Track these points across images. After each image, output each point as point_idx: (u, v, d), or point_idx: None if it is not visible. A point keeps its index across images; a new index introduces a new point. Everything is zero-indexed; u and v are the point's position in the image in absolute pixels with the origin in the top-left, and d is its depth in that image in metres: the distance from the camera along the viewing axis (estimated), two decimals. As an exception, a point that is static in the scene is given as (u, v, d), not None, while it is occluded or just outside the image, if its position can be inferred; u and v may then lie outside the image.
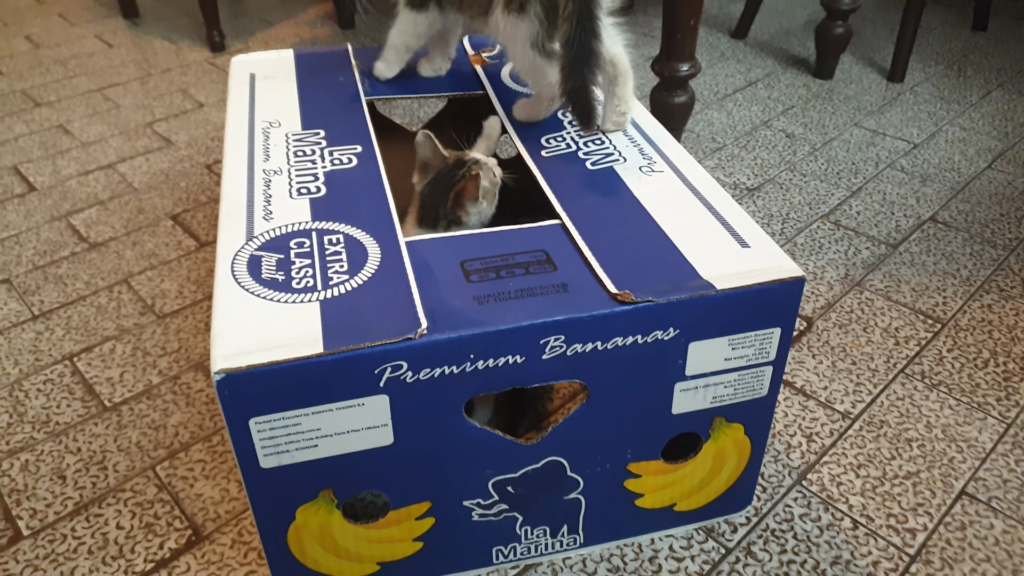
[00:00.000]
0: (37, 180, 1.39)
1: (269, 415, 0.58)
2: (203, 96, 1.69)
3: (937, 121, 1.53)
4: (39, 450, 0.87)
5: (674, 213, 0.72)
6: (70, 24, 2.11)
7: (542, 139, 0.85)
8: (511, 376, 0.62)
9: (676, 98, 1.29)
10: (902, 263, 1.15)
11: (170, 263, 1.16)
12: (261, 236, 0.69)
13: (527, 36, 0.79)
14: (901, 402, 0.92)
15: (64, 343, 1.02)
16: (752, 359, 0.68)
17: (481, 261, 0.67)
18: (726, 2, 2.16)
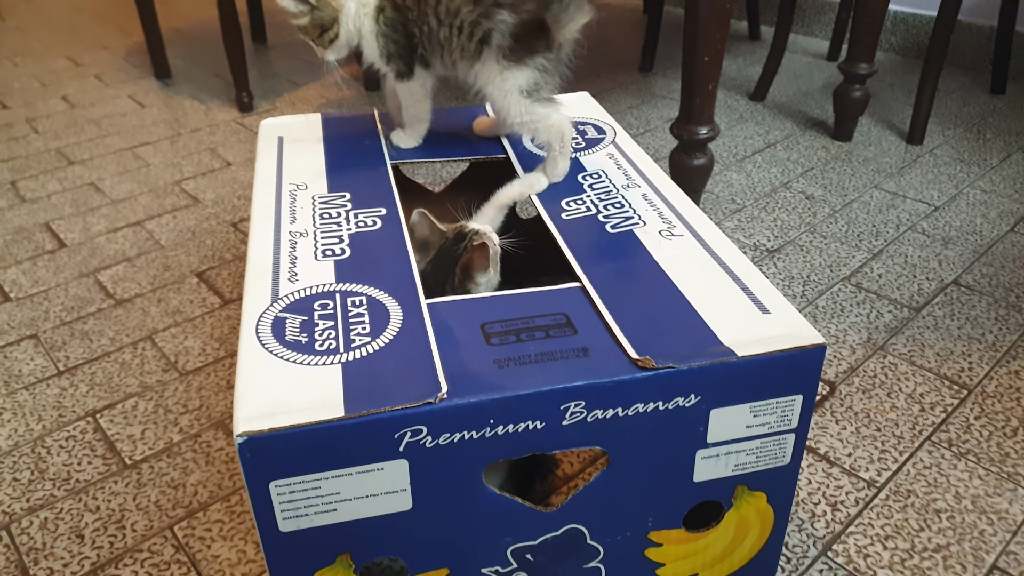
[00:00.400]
0: (67, 237, 1.42)
1: (289, 478, 0.58)
2: (231, 155, 1.72)
3: (958, 184, 1.53)
4: (59, 508, 0.87)
5: (694, 278, 0.72)
6: (105, 85, 2.17)
7: (562, 202, 0.86)
8: (531, 442, 0.62)
9: (695, 160, 1.30)
10: (925, 327, 1.14)
11: (194, 320, 1.18)
12: (286, 298, 0.70)
13: (520, 85, 0.86)
14: (928, 471, 0.91)
15: (88, 399, 1.03)
16: (774, 426, 0.68)
17: (502, 324, 0.68)
18: (744, 65, 2.19)
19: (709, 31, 1.17)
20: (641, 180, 0.90)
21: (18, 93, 2.13)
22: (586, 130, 1.02)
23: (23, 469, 0.92)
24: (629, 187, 0.88)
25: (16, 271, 1.32)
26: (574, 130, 1.02)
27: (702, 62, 1.20)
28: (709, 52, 1.19)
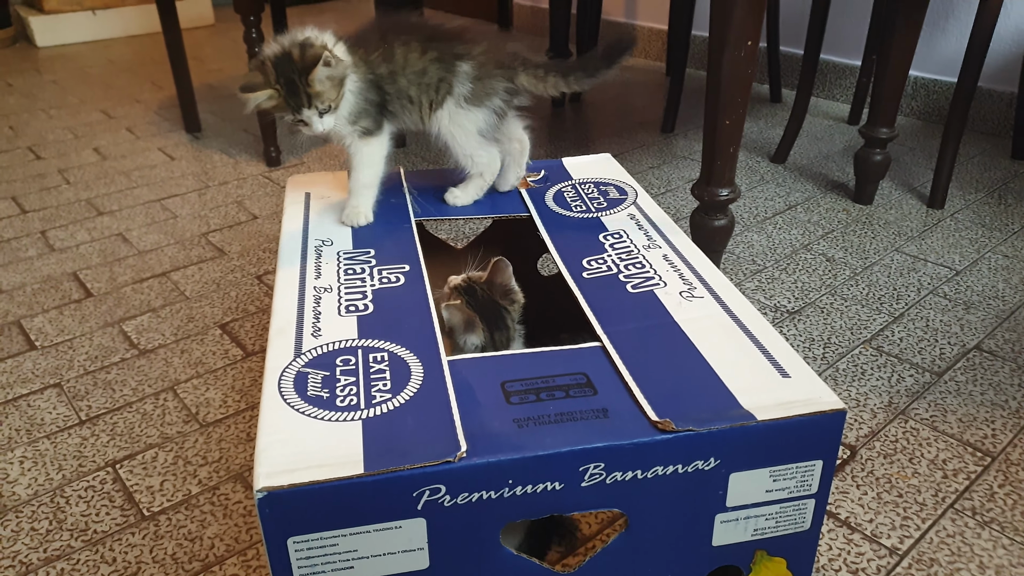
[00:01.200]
0: (94, 287, 1.44)
1: (307, 535, 0.58)
2: (257, 209, 1.75)
3: (979, 248, 1.53)
4: (75, 559, 0.87)
5: (714, 340, 0.73)
6: (136, 137, 2.22)
7: (584, 260, 0.87)
8: (549, 503, 0.62)
9: (716, 221, 1.31)
10: (948, 392, 1.13)
11: (216, 372, 1.19)
12: (309, 353, 0.71)
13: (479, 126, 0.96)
14: (952, 539, 0.89)
15: (108, 449, 1.03)
16: (794, 491, 0.67)
17: (521, 382, 0.68)
18: (765, 127, 2.21)
19: (731, 95, 1.19)
20: (662, 241, 0.90)
21: (52, 144, 2.18)
22: (608, 191, 1.03)
23: (41, 519, 0.93)
24: (650, 247, 0.89)
25: (43, 319, 1.34)
26: (595, 190, 1.03)
27: (724, 125, 1.21)
28: (731, 115, 1.21)
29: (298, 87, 0.86)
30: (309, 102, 0.87)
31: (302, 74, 0.85)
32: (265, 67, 0.86)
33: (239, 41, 3.25)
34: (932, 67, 2.21)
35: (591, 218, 0.97)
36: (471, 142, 0.97)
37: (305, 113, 0.87)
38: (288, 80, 0.86)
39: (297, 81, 0.85)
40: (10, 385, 1.17)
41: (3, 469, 1.01)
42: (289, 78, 0.86)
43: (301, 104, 0.87)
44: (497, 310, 0.88)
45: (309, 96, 0.86)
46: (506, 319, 0.89)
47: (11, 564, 0.87)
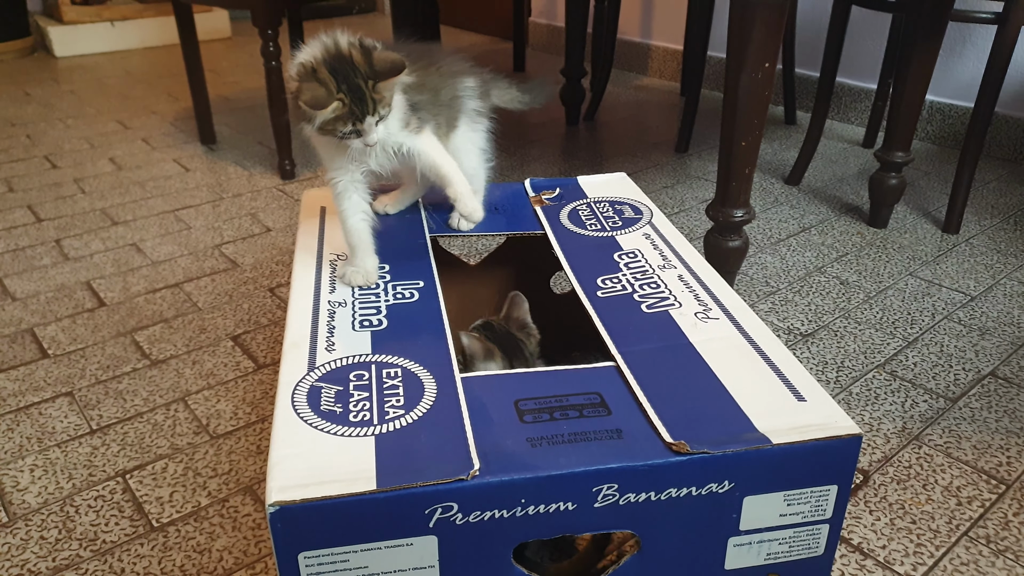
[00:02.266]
0: (107, 296, 1.45)
1: (319, 550, 0.58)
2: (271, 221, 1.76)
3: (994, 274, 1.52)
4: (84, 569, 0.87)
5: (729, 362, 0.72)
6: (151, 148, 2.24)
7: (598, 279, 0.87)
8: (562, 523, 0.61)
9: (730, 242, 1.31)
10: (962, 418, 1.12)
11: (227, 383, 1.19)
12: (322, 367, 0.71)
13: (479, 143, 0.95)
14: (966, 567, 0.88)
15: (118, 459, 1.03)
16: (808, 516, 0.67)
17: (535, 401, 0.68)
18: (780, 149, 2.21)
19: (747, 116, 1.19)
20: (677, 261, 0.90)
21: (68, 154, 2.20)
22: (623, 210, 1.03)
23: (51, 528, 0.93)
24: (665, 268, 0.89)
25: (55, 328, 1.35)
26: (610, 208, 1.03)
27: (739, 146, 1.21)
28: (747, 137, 1.21)
29: (364, 93, 0.78)
30: (374, 108, 0.80)
31: (375, 79, 0.78)
32: (319, 75, 0.78)
33: (255, 55, 3.27)
34: (948, 92, 2.20)
35: (606, 237, 0.97)
36: (478, 158, 0.96)
37: (368, 121, 0.80)
38: (353, 87, 0.78)
39: (364, 87, 0.78)
40: (22, 393, 1.17)
41: (13, 477, 1.01)
42: (354, 84, 0.78)
43: (366, 112, 0.79)
44: (515, 342, 0.89)
45: (375, 102, 0.79)
46: (524, 350, 0.89)
47: (20, 572, 0.87)
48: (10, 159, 2.16)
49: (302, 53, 0.81)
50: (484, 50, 3.40)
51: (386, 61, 0.78)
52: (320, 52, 0.79)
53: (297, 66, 0.79)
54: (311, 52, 0.80)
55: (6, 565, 0.88)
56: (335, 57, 0.78)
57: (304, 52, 0.80)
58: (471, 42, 3.54)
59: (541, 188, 1.10)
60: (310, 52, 0.80)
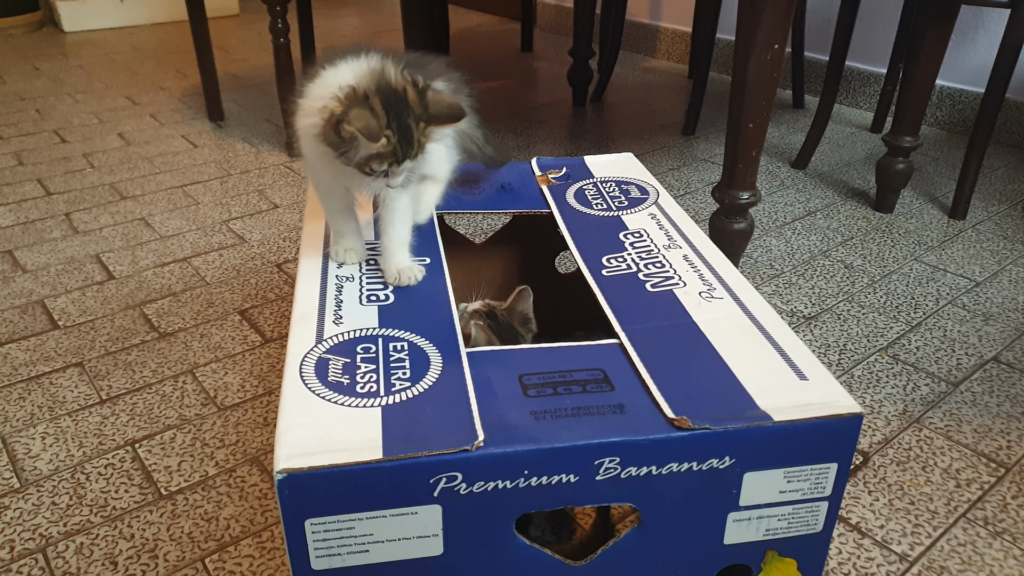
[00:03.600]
0: (116, 269, 1.46)
1: (325, 517, 0.59)
2: (278, 198, 1.77)
3: (1000, 260, 1.52)
4: (95, 534, 0.89)
5: (733, 341, 0.73)
6: (160, 124, 2.24)
7: (603, 258, 0.88)
8: (563, 495, 0.63)
9: (735, 225, 1.32)
10: (963, 402, 1.13)
11: (235, 357, 1.20)
12: (330, 339, 0.72)
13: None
14: (963, 548, 0.89)
15: (128, 429, 1.05)
16: (807, 493, 0.68)
17: (539, 376, 0.69)
18: (787, 132, 2.20)
19: (756, 98, 1.19)
20: (683, 241, 0.91)
21: (77, 128, 2.21)
22: (629, 189, 1.04)
23: (62, 494, 0.94)
24: (670, 247, 0.89)
25: (65, 300, 1.36)
26: (617, 188, 1.04)
27: (747, 128, 1.22)
28: (755, 119, 1.21)
29: (413, 135, 0.73)
30: (416, 152, 0.74)
31: (426, 123, 0.74)
32: (372, 105, 0.71)
33: (264, 32, 3.27)
34: (959, 77, 2.20)
35: (612, 216, 0.97)
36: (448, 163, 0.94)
37: (406, 165, 0.74)
38: (404, 126, 0.72)
39: (414, 128, 0.73)
40: (33, 363, 1.19)
41: (26, 444, 1.02)
42: (405, 124, 0.72)
43: (408, 155, 0.73)
44: (514, 335, 0.90)
45: (420, 145, 0.74)
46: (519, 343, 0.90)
47: (31, 536, 0.88)
48: (20, 133, 2.17)
49: (339, 71, 0.74)
50: (492, 30, 3.39)
51: (443, 106, 0.74)
52: (370, 80, 0.73)
53: (346, 88, 0.72)
54: (355, 74, 0.73)
55: (18, 529, 0.89)
56: (388, 90, 0.72)
57: (343, 70, 0.74)
58: (479, 22, 3.53)
59: (548, 167, 1.10)
60: (353, 73, 0.74)
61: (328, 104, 0.72)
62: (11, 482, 0.96)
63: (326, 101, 0.72)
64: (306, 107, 0.75)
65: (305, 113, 0.75)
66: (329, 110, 0.71)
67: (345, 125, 0.70)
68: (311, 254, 0.86)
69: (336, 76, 0.74)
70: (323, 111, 0.72)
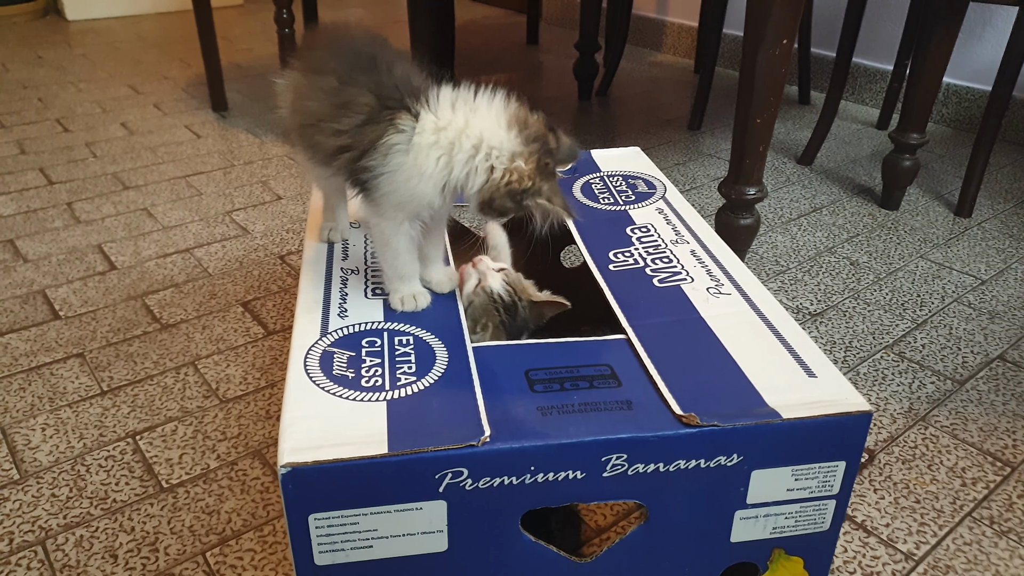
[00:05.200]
0: (118, 260, 1.45)
1: (329, 512, 0.59)
2: (281, 189, 1.76)
3: (1006, 258, 1.51)
4: (95, 526, 0.88)
5: (741, 337, 0.72)
6: (163, 114, 2.23)
7: (610, 253, 0.87)
8: (570, 492, 0.62)
9: (741, 220, 1.31)
10: (969, 401, 1.12)
11: (237, 349, 1.19)
12: (335, 333, 0.71)
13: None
14: (968, 547, 0.89)
15: (129, 421, 1.04)
16: (815, 491, 0.67)
17: (546, 371, 0.68)
18: (793, 128, 2.19)
19: (763, 93, 1.18)
20: (690, 236, 0.90)
21: (80, 117, 2.20)
22: (636, 184, 1.03)
23: (62, 486, 0.94)
24: (678, 243, 0.89)
25: (67, 290, 1.35)
26: (624, 183, 1.03)
27: (754, 124, 1.21)
28: (762, 115, 1.20)
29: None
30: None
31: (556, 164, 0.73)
32: (550, 171, 0.71)
33: (268, 22, 3.26)
34: (966, 74, 2.18)
35: (619, 211, 0.96)
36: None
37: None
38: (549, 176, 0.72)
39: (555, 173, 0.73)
40: (34, 353, 1.18)
41: (25, 435, 1.02)
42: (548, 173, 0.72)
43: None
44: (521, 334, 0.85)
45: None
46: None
47: (31, 529, 0.88)
48: (22, 121, 2.16)
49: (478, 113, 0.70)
50: (498, 23, 3.37)
51: (567, 147, 0.73)
52: (532, 140, 0.70)
53: (525, 156, 0.69)
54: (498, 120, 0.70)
55: (17, 521, 0.89)
56: (545, 144, 0.71)
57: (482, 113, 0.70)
58: (485, 14, 3.51)
59: (554, 161, 1.09)
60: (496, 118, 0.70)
61: (501, 172, 0.69)
62: (11, 473, 0.96)
63: (486, 155, 0.69)
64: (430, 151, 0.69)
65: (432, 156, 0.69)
66: (505, 182, 0.69)
67: (541, 201, 0.69)
68: (317, 246, 0.86)
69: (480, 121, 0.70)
70: (493, 179, 0.69)
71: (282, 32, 1.87)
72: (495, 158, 0.69)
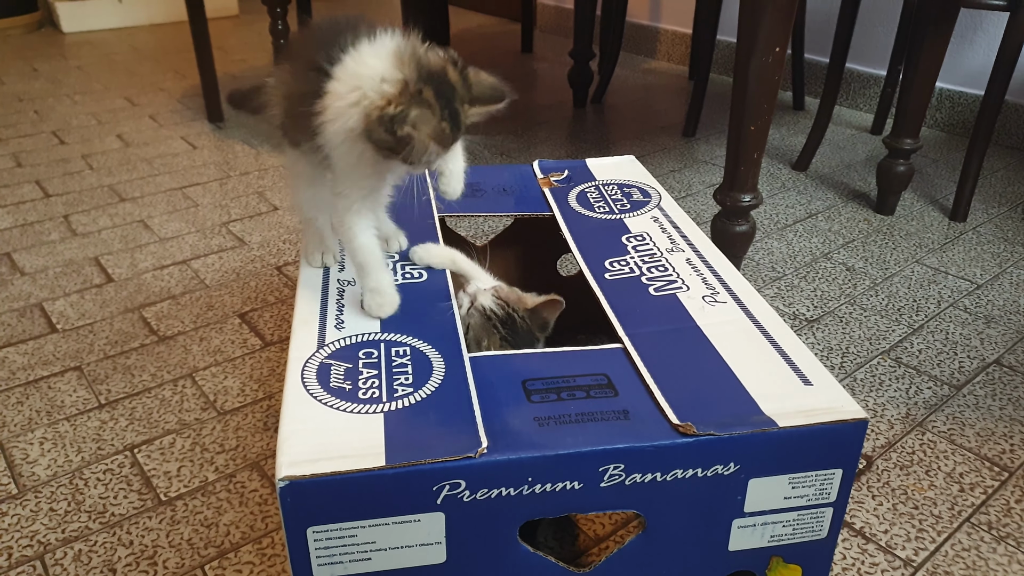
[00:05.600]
0: (115, 272, 1.45)
1: (327, 525, 0.59)
2: (278, 200, 1.76)
3: (1001, 263, 1.52)
4: (93, 540, 0.88)
5: (736, 345, 0.73)
6: (159, 126, 2.23)
7: (606, 262, 0.87)
8: (567, 502, 0.62)
9: (737, 227, 1.31)
10: (966, 406, 1.12)
11: (234, 360, 1.19)
12: (331, 344, 0.71)
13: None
14: (967, 553, 0.89)
15: (127, 434, 1.04)
16: (812, 499, 0.67)
17: (542, 381, 0.68)
18: (788, 134, 2.20)
19: (757, 101, 1.19)
20: (685, 245, 0.90)
21: (76, 130, 2.20)
22: (631, 192, 1.03)
23: (60, 500, 0.94)
24: (673, 251, 0.89)
25: (64, 303, 1.35)
26: (619, 191, 1.03)
27: (748, 131, 1.21)
28: (756, 122, 1.20)
29: (460, 120, 0.69)
30: (461, 135, 0.71)
31: (470, 104, 0.69)
32: (426, 97, 0.66)
33: (263, 33, 3.26)
34: (958, 79, 2.19)
35: (614, 219, 0.97)
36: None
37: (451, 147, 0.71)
38: (453, 112, 0.68)
39: (461, 113, 0.69)
40: (31, 367, 1.18)
41: (23, 449, 1.02)
42: (454, 109, 0.68)
43: (456, 139, 0.70)
44: (530, 343, 0.84)
45: (464, 128, 0.70)
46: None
47: (29, 543, 0.88)
48: (18, 134, 2.16)
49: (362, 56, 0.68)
50: (492, 31, 3.38)
51: (485, 86, 0.70)
52: (409, 65, 0.67)
53: (397, 82, 0.66)
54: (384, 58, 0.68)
55: (16, 536, 0.89)
56: (433, 76, 0.67)
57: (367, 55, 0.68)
58: (479, 23, 3.52)
59: (550, 170, 1.10)
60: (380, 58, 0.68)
61: (372, 98, 0.66)
62: (9, 488, 0.96)
63: (364, 93, 0.66)
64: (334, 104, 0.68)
65: (335, 110, 0.68)
66: (378, 107, 0.65)
67: (408, 129, 0.65)
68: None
69: (363, 63, 0.68)
70: (366, 106, 0.66)
71: (277, 43, 1.88)
72: (368, 87, 0.66)
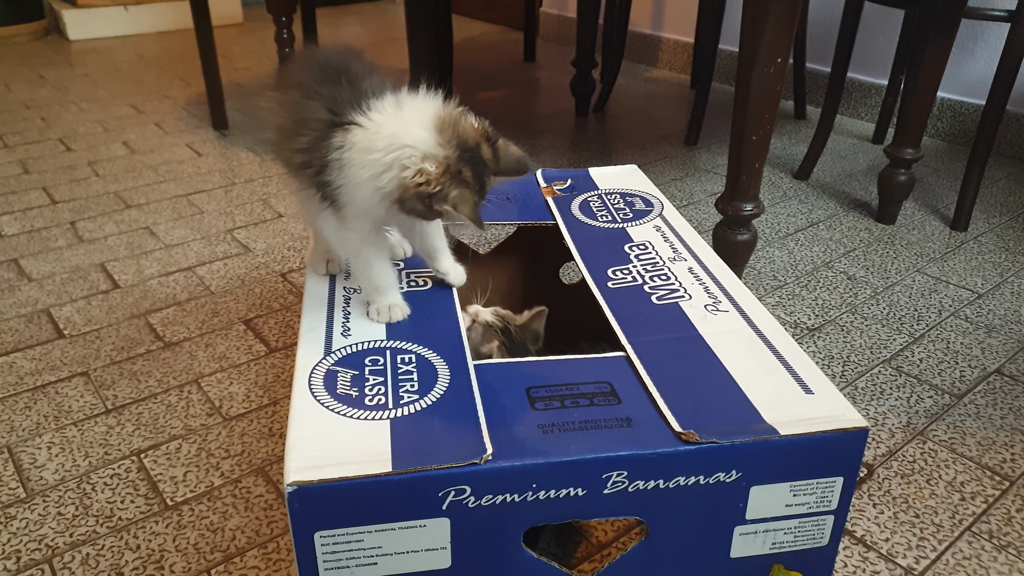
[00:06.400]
0: (121, 278, 1.46)
1: (334, 530, 0.59)
2: (282, 207, 1.77)
3: (1002, 272, 1.53)
4: (100, 544, 0.89)
5: (738, 354, 0.73)
6: (164, 133, 2.25)
7: (608, 270, 0.88)
8: (571, 509, 0.63)
9: (739, 236, 1.32)
10: (967, 415, 1.13)
11: (240, 367, 1.20)
12: (338, 352, 0.72)
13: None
14: (968, 562, 0.89)
15: (133, 439, 1.05)
16: (813, 507, 0.68)
17: (546, 389, 0.69)
18: (789, 144, 2.21)
19: (759, 110, 1.20)
20: (688, 254, 0.91)
21: (82, 137, 2.21)
22: (634, 202, 1.04)
23: (68, 504, 0.95)
24: (675, 260, 0.90)
25: (71, 309, 1.36)
26: (622, 200, 1.04)
27: (750, 140, 1.22)
28: (758, 131, 1.21)
29: (486, 189, 0.73)
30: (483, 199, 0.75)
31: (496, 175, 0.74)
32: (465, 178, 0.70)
33: (268, 41, 3.28)
34: (960, 89, 2.20)
35: (617, 228, 0.98)
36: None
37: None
38: (482, 185, 0.73)
39: (487, 183, 0.73)
40: (39, 372, 1.19)
41: (31, 454, 1.03)
42: (483, 182, 0.72)
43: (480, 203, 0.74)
44: (524, 354, 0.91)
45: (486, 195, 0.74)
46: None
47: (38, 547, 0.89)
48: (25, 141, 2.18)
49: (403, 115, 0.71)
50: (495, 40, 3.40)
51: (512, 160, 0.74)
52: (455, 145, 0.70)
53: (439, 163, 0.69)
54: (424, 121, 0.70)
55: (24, 540, 0.90)
56: (470, 153, 0.71)
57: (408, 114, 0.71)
58: (482, 31, 3.54)
59: (553, 179, 1.11)
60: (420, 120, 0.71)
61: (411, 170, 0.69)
62: (17, 492, 0.97)
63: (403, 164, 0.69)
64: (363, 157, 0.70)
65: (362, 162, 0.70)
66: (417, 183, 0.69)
67: (447, 207, 0.69)
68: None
69: (403, 127, 0.70)
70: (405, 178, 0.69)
71: (282, 51, 1.89)
72: (407, 157, 0.69)
